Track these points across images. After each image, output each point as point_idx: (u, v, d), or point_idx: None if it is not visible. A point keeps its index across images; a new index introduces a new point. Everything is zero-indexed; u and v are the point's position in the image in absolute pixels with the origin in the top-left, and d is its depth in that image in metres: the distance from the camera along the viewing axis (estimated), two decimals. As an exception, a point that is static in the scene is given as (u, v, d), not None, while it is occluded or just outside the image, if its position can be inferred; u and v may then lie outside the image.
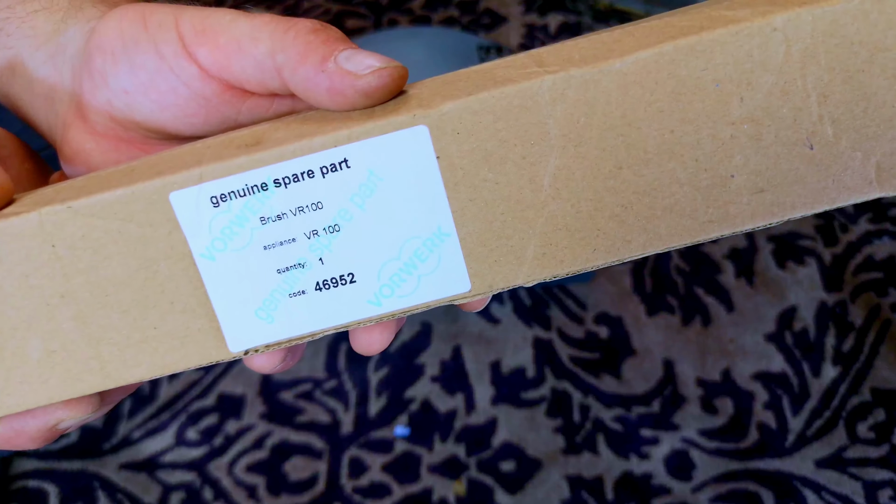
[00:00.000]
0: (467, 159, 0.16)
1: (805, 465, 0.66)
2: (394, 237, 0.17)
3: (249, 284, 0.17)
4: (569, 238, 0.17)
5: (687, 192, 0.17)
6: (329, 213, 0.16)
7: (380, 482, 0.66)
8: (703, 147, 0.16)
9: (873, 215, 0.80)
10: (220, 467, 0.67)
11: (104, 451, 0.68)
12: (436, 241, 0.17)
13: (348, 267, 0.17)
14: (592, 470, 0.66)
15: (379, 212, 0.17)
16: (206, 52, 0.18)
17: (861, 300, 0.75)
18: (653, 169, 0.16)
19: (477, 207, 0.17)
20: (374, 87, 0.16)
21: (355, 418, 0.69)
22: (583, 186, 0.16)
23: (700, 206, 0.17)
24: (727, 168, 0.16)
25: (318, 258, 0.17)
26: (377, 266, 0.17)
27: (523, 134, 0.16)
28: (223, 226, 0.16)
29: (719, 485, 0.65)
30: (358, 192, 0.16)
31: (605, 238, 0.17)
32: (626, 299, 0.75)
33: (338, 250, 0.17)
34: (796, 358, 0.72)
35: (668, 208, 0.16)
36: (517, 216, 0.17)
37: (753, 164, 0.16)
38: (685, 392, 0.70)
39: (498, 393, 0.70)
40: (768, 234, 0.79)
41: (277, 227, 0.16)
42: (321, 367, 0.72)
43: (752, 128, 0.16)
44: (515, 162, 0.16)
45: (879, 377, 0.70)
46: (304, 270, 0.17)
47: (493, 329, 0.74)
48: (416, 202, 0.16)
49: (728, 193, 0.16)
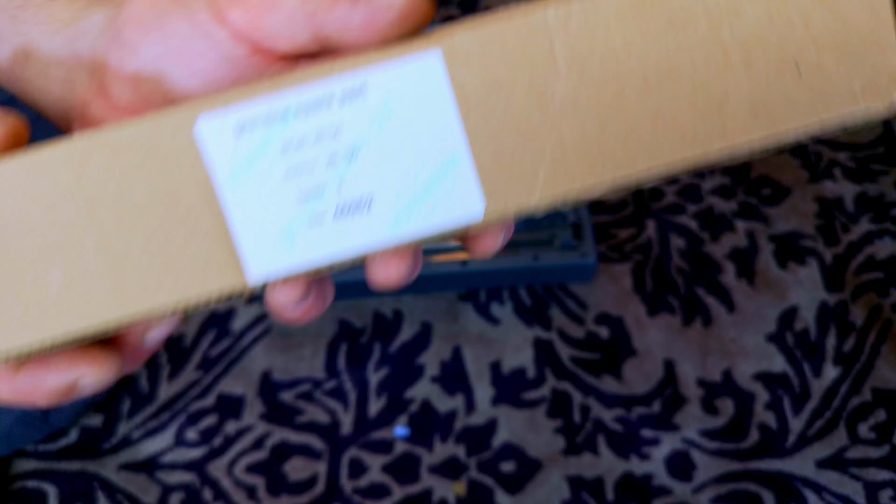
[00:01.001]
0: (479, 86, 0.18)
1: (806, 466, 0.66)
2: (410, 163, 0.18)
3: (270, 214, 0.17)
4: (577, 159, 0.18)
5: (686, 114, 0.18)
6: (347, 139, 0.17)
7: (380, 483, 0.66)
8: (698, 72, 0.18)
9: (875, 215, 0.80)
10: (219, 468, 0.66)
11: (103, 452, 0.68)
12: (450, 167, 0.18)
13: (366, 192, 0.17)
14: (593, 470, 0.66)
15: (396, 138, 0.17)
16: (238, 14, 0.19)
17: (862, 300, 0.75)
18: (653, 92, 0.18)
19: (489, 133, 0.18)
20: (406, 12, 0.17)
21: (355, 419, 0.69)
22: (588, 111, 0.18)
23: (699, 125, 0.18)
24: (722, 91, 0.18)
25: (337, 184, 0.17)
26: (394, 191, 0.18)
27: (531, 62, 0.17)
28: (245, 155, 0.17)
29: (720, 485, 0.65)
30: (375, 118, 0.17)
31: (612, 158, 0.18)
32: (627, 299, 0.75)
33: (356, 176, 0.17)
34: (797, 358, 0.72)
35: (669, 128, 0.18)
36: (527, 140, 0.18)
37: (746, 86, 0.18)
38: (686, 392, 0.70)
39: (498, 393, 0.70)
40: (769, 234, 0.79)
41: (298, 156, 0.17)
42: (321, 368, 0.72)
43: (742, 54, 0.18)
44: (525, 89, 0.18)
45: (880, 377, 0.70)
46: (323, 198, 0.17)
47: (494, 329, 0.74)
48: (431, 128, 0.17)
49: (724, 114, 0.18)
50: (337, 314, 0.75)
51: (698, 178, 0.83)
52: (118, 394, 0.70)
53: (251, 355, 0.73)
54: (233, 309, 0.75)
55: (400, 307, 0.75)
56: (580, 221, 0.74)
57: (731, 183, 0.83)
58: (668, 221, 0.80)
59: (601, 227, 0.80)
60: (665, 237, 0.79)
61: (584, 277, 0.76)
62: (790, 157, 0.85)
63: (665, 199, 0.82)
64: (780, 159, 0.85)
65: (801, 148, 0.86)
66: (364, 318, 0.75)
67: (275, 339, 0.73)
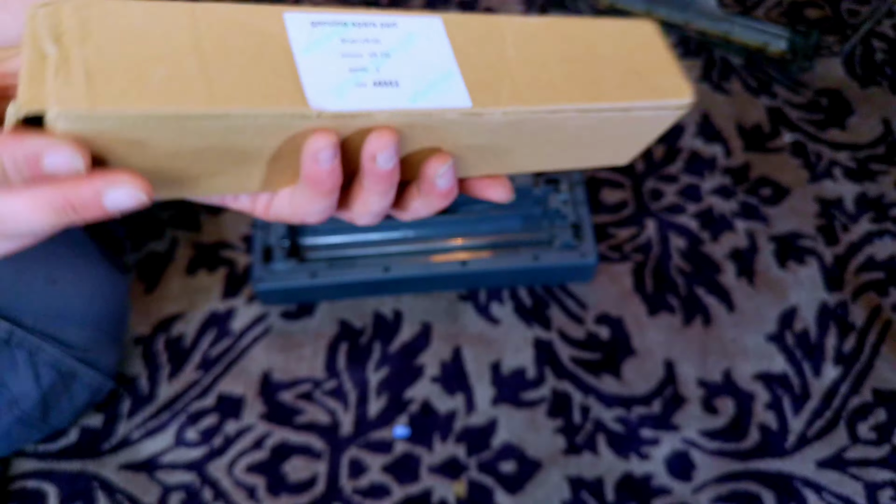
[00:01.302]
0: (462, 38, 0.27)
1: (806, 466, 0.66)
2: (422, 70, 0.26)
3: (328, 74, 0.25)
4: (525, 88, 0.27)
5: (570, 77, 0.29)
6: (384, 47, 0.26)
7: (379, 483, 0.66)
8: (580, 65, 0.29)
9: (875, 215, 0.80)
10: (219, 468, 0.66)
11: (103, 452, 0.68)
12: (447, 76, 0.26)
13: (394, 77, 0.25)
14: (593, 470, 0.66)
15: (414, 55, 0.26)
16: None
17: (862, 300, 0.75)
18: (556, 64, 0.28)
19: (471, 63, 0.27)
20: None
21: (355, 419, 0.69)
22: (524, 68, 0.28)
23: (581, 88, 0.29)
24: (592, 77, 0.29)
25: (376, 68, 0.25)
26: (412, 81, 0.26)
27: (491, 37, 0.28)
28: (316, 38, 0.25)
29: (720, 485, 0.65)
30: (402, 41, 0.26)
31: (541, 94, 0.27)
32: (627, 299, 0.75)
33: (388, 67, 0.25)
34: (797, 358, 0.71)
35: (566, 84, 0.28)
36: (494, 72, 0.27)
37: (612, 80, 0.29)
38: (686, 392, 0.70)
39: (498, 393, 0.70)
40: (769, 234, 0.79)
41: (351, 47, 0.25)
42: (321, 368, 0.72)
43: (605, 68, 0.29)
44: (492, 42, 0.28)
45: (881, 378, 0.70)
46: (366, 72, 0.25)
47: (494, 329, 0.74)
48: (437, 54, 0.27)
49: (596, 85, 0.29)
50: (337, 314, 0.75)
51: (698, 178, 0.83)
52: (118, 394, 0.70)
53: (251, 355, 0.73)
54: (233, 309, 0.75)
55: (400, 307, 0.75)
56: (580, 222, 0.74)
57: (732, 183, 0.83)
58: (668, 221, 0.80)
59: (601, 228, 0.80)
60: (665, 237, 0.79)
61: (584, 277, 0.76)
62: (790, 157, 0.85)
63: (665, 200, 0.82)
64: (781, 159, 0.85)
65: (801, 148, 0.86)
66: (364, 319, 0.75)
67: (275, 339, 0.73)
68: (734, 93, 0.91)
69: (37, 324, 0.60)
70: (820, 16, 0.99)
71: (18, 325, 0.59)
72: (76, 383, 0.63)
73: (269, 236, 0.73)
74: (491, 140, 0.28)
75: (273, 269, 0.72)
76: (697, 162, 0.85)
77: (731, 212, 0.81)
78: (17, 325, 0.58)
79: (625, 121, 0.29)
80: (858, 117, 0.88)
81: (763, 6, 1.00)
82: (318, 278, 0.72)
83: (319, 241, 0.77)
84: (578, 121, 0.28)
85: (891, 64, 0.94)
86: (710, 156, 0.85)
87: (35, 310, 0.60)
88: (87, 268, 0.64)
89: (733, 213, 0.81)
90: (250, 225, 0.80)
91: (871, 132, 0.87)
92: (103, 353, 0.65)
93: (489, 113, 0.26)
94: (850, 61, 0.94)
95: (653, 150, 0.86)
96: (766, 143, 0.86)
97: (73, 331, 0.62)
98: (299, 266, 0.72)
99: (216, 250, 0.79)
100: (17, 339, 0.58)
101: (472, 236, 0.77)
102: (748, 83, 0.92)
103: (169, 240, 0.80)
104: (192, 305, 0.76)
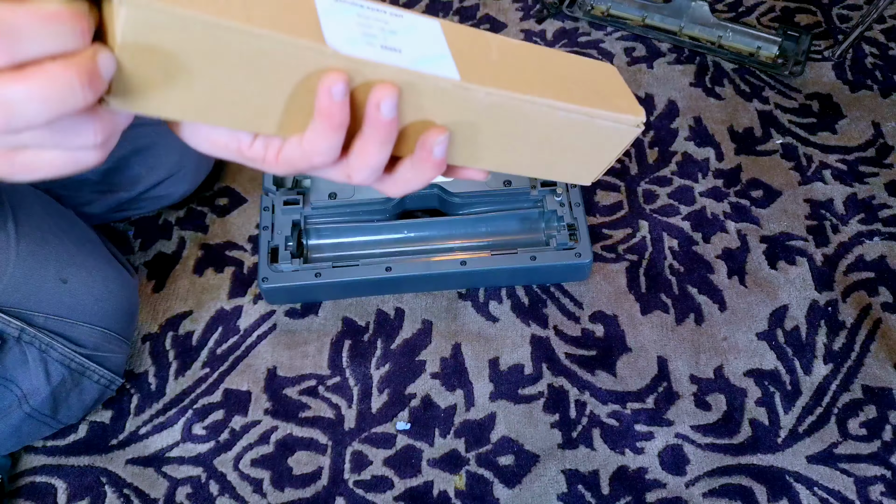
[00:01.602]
0: (455, 38, 0.32)
1: (797, 461, 0.67)
2: (421, 48, 0.30)
3: (345, 30, 0.28)
4: (510, 80, 0.31)
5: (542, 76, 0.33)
6: (391, 27, 0.30)
7: (382, 476, 0.67)
8: (550, 77, 0.33)
9: (864, 216, 0.82)
10: (226, 462, 0.68)
11: (111, 447, 0.69)
12: (442, 56, 0.30)
13: (398, 46, 0.29)
14: (588, 464, 0.67)
15: (415, 38, 0.30)
16: None
17: (852, 299, 0.76)
18: (529, 71, 0.33)
19: (461, 54, 0.31)
20: None
21: (358, 414, 0.70)
22: (506, 70, 0.32)
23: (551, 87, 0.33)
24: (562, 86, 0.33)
25: (384, 37, 0.29)
26: (412, 52, 0.29)
27: (479, 45, 0.32)
28: (337, 8, 0.29)
29: (712, 479, 0.66)
30: (406, 28, 0.30)
31: (531, 86, 0.31)
32: (622, 298, 0.77)
33: (393, 39, 0.30)
34: (788, 356, 0.73)
35: (538, 81, 0.33)
36: (480, 64, 0.31)
37: (579, 92, 0.33)
38: (679, 389, 0.71)
39: (496, 389, 0.71)
40: (761, 235, 0.81)
41: (365, 21, 0.29)
42: (325, 364, 0.73)
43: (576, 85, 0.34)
44: (479, 46, 0.32)
45: (870, 375, 0.71)
46: (375, 38, 0.29)
47: (492, 327, 0.75)
48: (434, 41, 0.31)
49: (564, 90, 0.33)
50: (340, 312, 0.76)
51: (691, 181, 0.85)
52: (127, 390, 0.72)
53: (257, 352, 0.74)
54: (239, 308, 0.77)
55: (401, 306, 0.77)
56: (576, 223, 0.75)
57: (724, 185, 0.85)
58: (662, 222, 0.82)
59: (596, 229, 0.82)
60: (658, 238, 0.81)
61: (580, 277, 0.77)
62: (782, 159, 0.87)
63: (658, 201, 0.84)
64: (772, 162, 0.87)
65: (793, 151, 0.87)
66: (367, 317, 0.76)
67: (280, 337, 0.75)
68: (726, 97, 0.92)
69: (47, 322, 0.61)
70: (811, 21, 1.01)
71: (29, 324, 0.60)
72: (85, 380, 0.64)
73: (275, 237, 0.75)
74: (473, 122, 0.31)
75: (279, 269, 0.74)
76: (690, 165, 0.86)
77: (723, 213, 0.82)
78: (28, 324, 0.60)
79: (588, 128, 0.33)
80: (849, 121, 0.90)
81: (755, 12, 1.02)
82: (322, 278, 0.73)
83: (323, 241, 0.78)
84: (549, 117, 0.32)
85: (881, 68, 0.95)
86: (703, 159, 0.87)
87: (46, 308, 0.61)
88: (97, 268, 0.66)
89: (725, 215, 0.82)
90: (256, 226, 0.82)
91: (862, 135, 0.89)
92: (112, 351, 0.66)
93: (475, 89, 0.30)
94: (840, 66, 0.95)
95: (646, 153, 0.88)
96: (757, 147, 0.88)
97: (82, 329, 0.63)
98: (304, 266, 0.74)
99: (223, 251, 0.81)
100: (27, 336, 0.60)
101: (471, 237, 0.78)
102: (740, 88, 0.93)
103: (177, 240, 0.82)
104: (199, 304, 0.77)
